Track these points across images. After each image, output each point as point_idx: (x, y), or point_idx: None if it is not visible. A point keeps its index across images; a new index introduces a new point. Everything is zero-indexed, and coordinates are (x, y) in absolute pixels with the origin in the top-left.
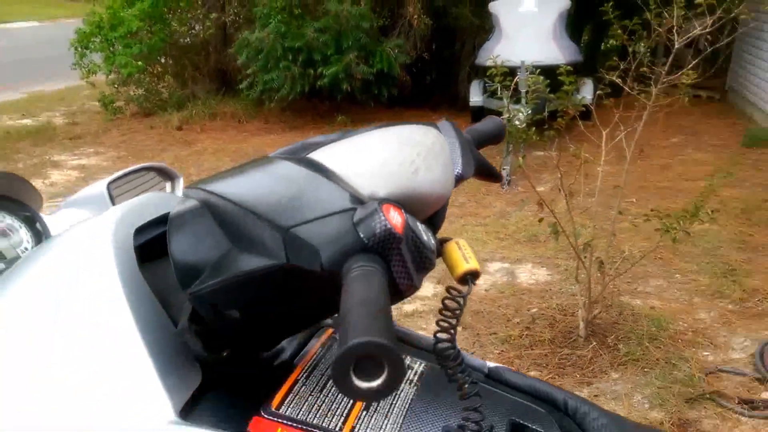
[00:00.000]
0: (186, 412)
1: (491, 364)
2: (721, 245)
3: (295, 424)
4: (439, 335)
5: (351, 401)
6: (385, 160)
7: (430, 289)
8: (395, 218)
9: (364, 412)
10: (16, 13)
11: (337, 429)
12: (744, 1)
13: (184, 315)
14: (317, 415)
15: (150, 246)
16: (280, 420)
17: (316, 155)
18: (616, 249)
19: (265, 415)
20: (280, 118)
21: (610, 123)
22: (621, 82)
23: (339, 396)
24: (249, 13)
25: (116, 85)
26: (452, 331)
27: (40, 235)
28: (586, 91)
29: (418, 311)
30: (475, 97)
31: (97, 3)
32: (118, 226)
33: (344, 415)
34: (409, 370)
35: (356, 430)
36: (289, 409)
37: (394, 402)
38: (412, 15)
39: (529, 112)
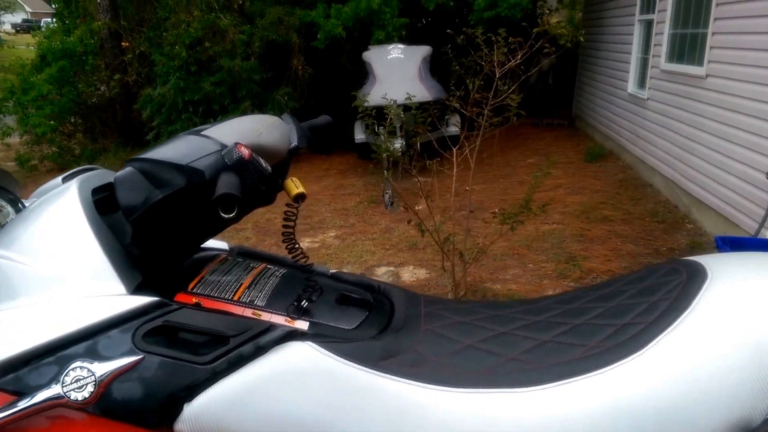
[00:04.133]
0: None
1: (334, 270)
2: (565, 240)
3: (203, 296)
4: (284, 234)
5: (238, 285)
6: (240, 127)
7: None
8: (244, 151)
9: (246, 290)
10: None
11: (230, 298)
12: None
13: (129, 236)
14: (217, 292)
15: (106, 204)
16: (194, 294)
17: (206, 130)
18: (474, 242)
19: (184, 293)
20: None
21: (468, 145)
22: (472, 112)
23: (230, 283)
24: (150, 73)
25: (30, 145)
26: (291, 230)
27: (20, 211)
28: (454, 123)
29: None
30: (359, 135)
31: (8, 71)
32: (80, 187)
33: (234, 291)
34: (276, 271)
35: (242, 298)
36: (199, 289)
37: (266, 285)
38: (296, 66)
39: (403, 143)
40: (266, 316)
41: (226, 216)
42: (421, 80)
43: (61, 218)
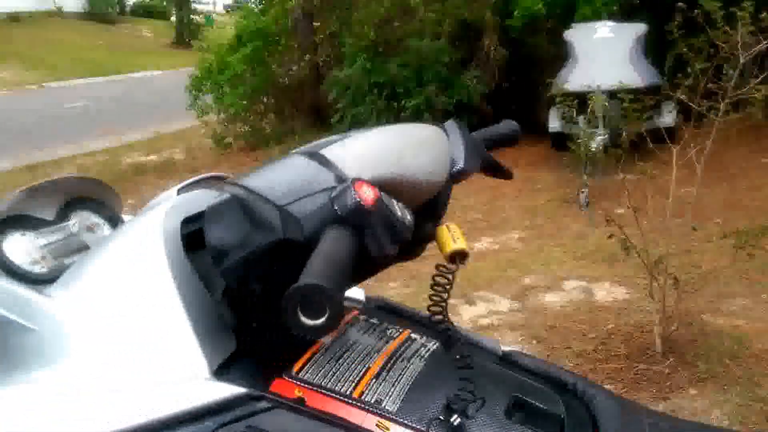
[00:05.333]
0: (219, 374)
1: (506, 347)
2: None
3: (310, 387)
4: (432, 309)
5: (364, 369)
6: (374, 147)
7: (506, 304)
8: (366, 194)
9: (374, 380)
10: (141, 64)
11: (347, 393)
12: None
13: (219, 289)
14: (331, 380)
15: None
16: (298, 382)
17: (326, 148)
18: (695, 266)
19: (286, 378)
20: None
21: (688, 143)
22: (695, 101)
23: (354, 364)
24: (339, 53)
25: (225, 124)
26: (443, 304)
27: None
28: (669, 112)
29: (493, 325)
30: (554, 123)
31: (207, 51)
32: (167, 217)
33: (355, 381)
34: (422, 348)
35: (365, 394)
36: (308, 374)
37: (403, 373)
38: (488, 47)
39: (606, 136)
40: None
41: (309, 323)
42: (632, 63)
43: (133, 260)
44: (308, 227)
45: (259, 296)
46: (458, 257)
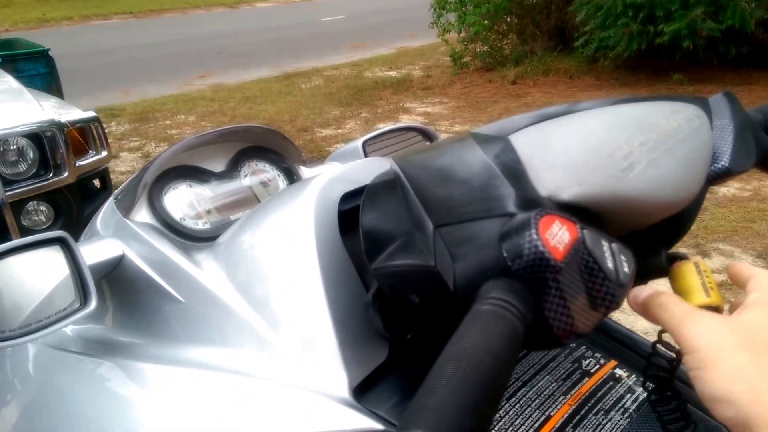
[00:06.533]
0: (361, 390)
1: None
2: None
3: None
4: (648, 380)
5: (543, 418)
6: (587, 149)
7: (747, 261)
8: (558, 237)
9: None
10: None
11: None
12: None
13: (372, 289)
14: (496, 427)
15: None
16: None
17: (520, 135)
18: None
19: None
20: (612, 76)
21: None
22: None
23: (530, 408)
24: None
25: (465, 43)
26: (671, 383)
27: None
28: None
29: (727, 284)
30: None
31: None
32: (326, 188)
33: (535, 427)
34: (628, 395)
35: None
36: None
37: (599, 430)
38: None
39: None
40: None
41: None
42: None
43: (281, 237)
44: (462, 273)
45: (416, 307)
46: None
